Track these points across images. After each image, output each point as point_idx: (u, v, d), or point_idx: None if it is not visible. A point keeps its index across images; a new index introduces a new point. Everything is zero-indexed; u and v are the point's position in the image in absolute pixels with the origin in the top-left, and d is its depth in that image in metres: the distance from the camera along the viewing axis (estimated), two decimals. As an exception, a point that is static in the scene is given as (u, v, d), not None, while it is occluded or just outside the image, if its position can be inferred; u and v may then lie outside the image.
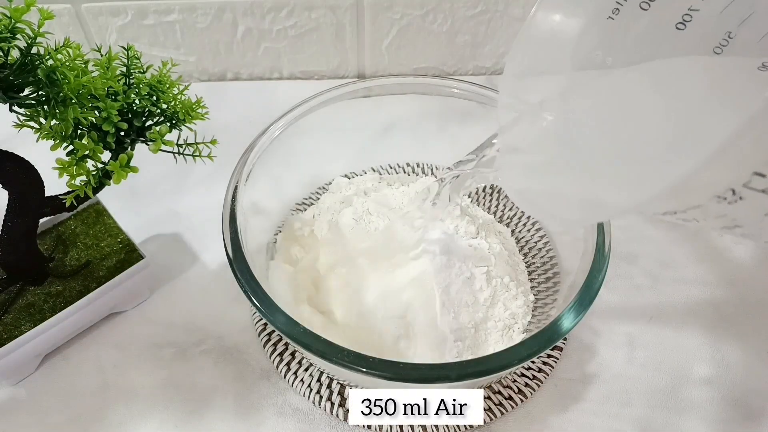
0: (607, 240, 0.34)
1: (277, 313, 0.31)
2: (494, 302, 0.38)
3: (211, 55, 0.63)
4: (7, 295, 0.40)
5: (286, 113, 0.42)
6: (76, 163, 0.31)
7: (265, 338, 0.42)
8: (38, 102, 0.29)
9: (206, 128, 0.36)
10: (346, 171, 0.49)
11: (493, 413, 0.38)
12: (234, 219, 0.36)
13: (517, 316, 0.38)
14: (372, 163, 0.49)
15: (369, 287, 0.38)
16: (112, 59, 0.32)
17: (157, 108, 0.34)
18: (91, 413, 0.39)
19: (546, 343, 0.31)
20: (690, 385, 0.40)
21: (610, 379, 0.40)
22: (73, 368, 0.41)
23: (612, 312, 0.43)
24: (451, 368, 0.30)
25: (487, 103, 0.43)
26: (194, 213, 0.51)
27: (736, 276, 0.46)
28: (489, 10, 0.59)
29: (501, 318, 0.38)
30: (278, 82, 0.65)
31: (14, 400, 0.40)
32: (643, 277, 0.46)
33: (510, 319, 0.38)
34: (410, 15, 0.60)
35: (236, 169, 0.38)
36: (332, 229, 0.41)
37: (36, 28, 0.27)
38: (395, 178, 0.48)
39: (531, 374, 0.40)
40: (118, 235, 0.44)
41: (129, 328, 0.43)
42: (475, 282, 0.38)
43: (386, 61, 0.64)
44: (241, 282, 0.33)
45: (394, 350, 0.36)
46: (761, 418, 0.39)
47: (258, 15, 0.59)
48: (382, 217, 0.41)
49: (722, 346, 0.42)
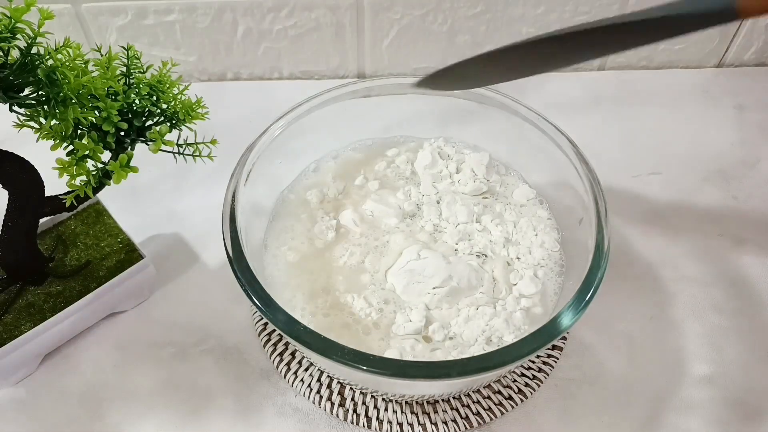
0: (606, 238, 0.34)
1: (277, 312, 0.31)
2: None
3: (211, 55, 0.63)
4: (7, 295, 0.40)
5: (286, 113, 0.42)
6: (76, 163, 0.31)
7: (265, 338, 0.42)
8: (38, 102, 0.29)
9: (206, 128, 0.36)
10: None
11: (493, 413, 0.38)
12: (234, 219, 0.36)
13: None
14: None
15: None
16: (112, 59, 0.32)
17: (157, 108, 0.34)
18: (90, 413, 0.39)
19: (545, 341, 0.31)
20: (690, 385, 0.40)
21: (610, 379, 0.40)
22: (73, 368, 0.41)
23: (612, 312, 0.43)
24: (452, 366, 0.30)
25: (487, 103, 0.43)
26: (194, 213, 0.51)
27: (736, 276, 0.46)
28: (489, 10, 0.59)
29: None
30: (278, 82, 0.65)
31: (14, 400, 0.40)
32: (643, 277, 0.46)
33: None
34: (410, 15, 0.60)
35: (236, 169, 0.39)
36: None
37: (36, 28, 0.27)
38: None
39: (531, 374, 0.40)
40: (118, 235, 0.44)
41: (129, 328, 0.43)
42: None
43: (386, 61, 0.64)
44: (241, 281, 0.33)
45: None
46: (761, 418, 0.39)
47: (258, 15, 0.59)
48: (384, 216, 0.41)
49: (722, 346, 0.42)
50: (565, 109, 0.60)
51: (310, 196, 0.43)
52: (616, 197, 0.51)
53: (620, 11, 0.60)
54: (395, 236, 0.40)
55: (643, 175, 0.53)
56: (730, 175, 0.53)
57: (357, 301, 0.37)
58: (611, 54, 0.32)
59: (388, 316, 0.37)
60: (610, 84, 0.63)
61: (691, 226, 0.49)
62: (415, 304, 0.37)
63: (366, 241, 0.40)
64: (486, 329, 0.36)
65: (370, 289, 0.38)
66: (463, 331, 0.36)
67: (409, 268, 0.38)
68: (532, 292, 0.37)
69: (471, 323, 0.36)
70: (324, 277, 0.39)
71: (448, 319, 0.37)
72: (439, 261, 0.38)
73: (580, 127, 0.42)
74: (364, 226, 0.41)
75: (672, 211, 0.50)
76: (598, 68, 0.66)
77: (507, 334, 0.35)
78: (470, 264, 0.38)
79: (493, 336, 0.36)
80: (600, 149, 0.41)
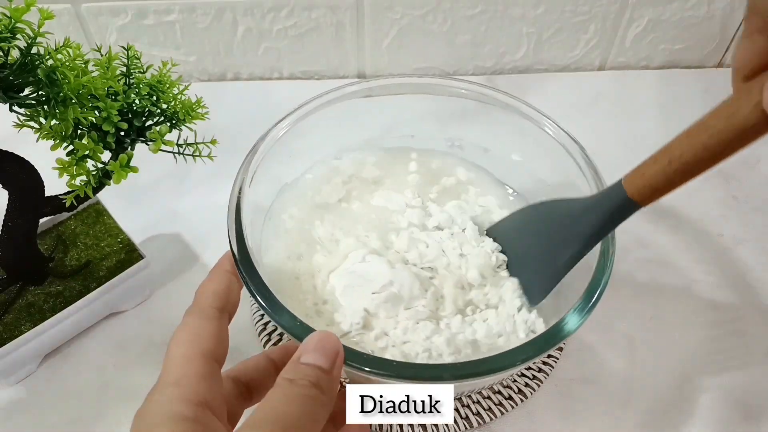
0: (612, 244, 0.34)
1: (282, 313, 0.31)
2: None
3: (211, 55, 0.63)
4: (7, 295, 0.40)
5: (291, 113, 0.41)
6: (76, 163, 0.31)
7: (266, 338, 0.42)
8: (38, 102, 0.29)
9: (206, 128, 0.36)
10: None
11: (493, 413, 0.38)
12: (239, 219, 0.35)
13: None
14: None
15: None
16: (112, 59, 0.32)
17: (157, 108, 0.34)
18: (91, 413, 0.39)
19: (548, 345, 0.30)
20: (690, 385, 0.40)
21: (610, 380, 0.40)
22: (73, 368, 0.41)
23: (612, 312, 0.43)
24: (451, 368, 0.30)
25: (487, 103, 0.43)
26: (194, 213, 0.51)
27: (736, 276, 0.46)
28: (489, 10, 0.59)
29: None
30: (278, 82, 0.65)
31: (14, 400, 0.40)
32: (644, 277, 0.46)
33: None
34: (410, 15, 0.60)
35: (241, 167, 0.38)
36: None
37: (36, 28, 0.27)
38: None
39: (531, 374, 0.40)
40: (118, 235, 0.44)
41: (129, 328, 0.43)
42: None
43: (386, 61, 0.64)
44: (245, 279, 0.33)
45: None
46: (761, 418, 0.39)
47: (258, 15, 0.59)
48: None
49: (722, 346, 0.42)
50: (565, 109, 0.60)
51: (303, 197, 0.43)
52: (616, 197, 0.51)
53: (620, 11, 0.60)
54: (348, 240, 0.39)
55: (643, 175, 0.53)
56: (730, 175, 0.53)
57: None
58: None
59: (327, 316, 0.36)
60: (610, 84, 0.63)
61: (691, 226, 0.49)
62: (354, 309, 0.35)
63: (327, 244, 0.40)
64: (426, 344, 0.34)
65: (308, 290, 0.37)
66: (403, 342, 0.34)
67: (351, 270, 0.37)
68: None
69: (410, 335, 0.34)
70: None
71: (387, 328, 0.35)
72: (382, 266, 0.36)
73: (580, 127, 0.42)
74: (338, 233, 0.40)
75: (672, 211, 0.50)
76: (598, 68, 0.66)
77: (447, 355, 0.33)
78: (417, 274, 0.37)
79: (433, 352, 0.34)
80: (600, 149, 0.41)
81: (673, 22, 0.61)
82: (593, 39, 0.63)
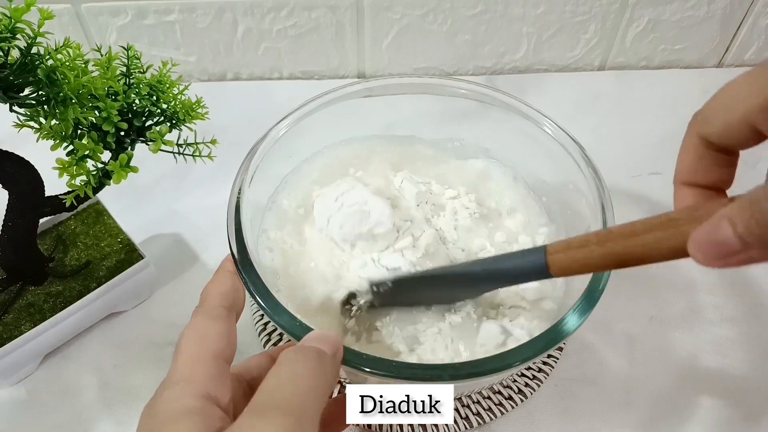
0: None
1: (282, 313, 0.31)
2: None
3: (211, 55, 0.63)
4: (7, 295, 0.40)
5: (291, 113, 0.41)
6: (76, 163, 0.31)
7: (266, 338, 0.42)
8: (38, 102, 0.29)
9: (206, 128, 0.36)
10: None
11: (493, 413, 0.38)
12: (239, 219, 0.35)
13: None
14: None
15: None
16: (112, 59, 0.32)
17: (157, 108, 0.34)
18: (91, 413, 0.39)
19: (548, 345, 0.30)
20: (690, 385, 0.40)
21: (610, 379, 0.40)
22: (73, 368, 0.41)
23: (612, 312, 0.43)
24: (452, 368, 0.30)
25: (487, 103, 0.43)
26: (194, 213, 0.51)
27: (737, 276, 0.46)
28: (489, 10, 0.59)
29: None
30: (278, 82, 0.65)
31: (14, 400, 0.40)
32: (643, 277, 0.46)
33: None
34: (410, 15, 0.60)
35: (241, 168, 0.38)
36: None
37: (36, 28, 0.27)
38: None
39: (531, 374, 0.40)
40: (118, 235, 0.44)
41: (129, 328, 0.43)
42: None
43: (386, 61, 0.64)
44: (244, 279, 0.33)
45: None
46: (761, 418, 0.39)
47: (258, 15, 0.59)
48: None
49: (722, 346, 0.42)
50: (565, 109, 0.60)
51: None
52: (616, 197, 0.50)
53: (620, 11, 0.60)
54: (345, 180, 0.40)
55: (643, 175, 0.53)
56: (730, 175, 0.53)
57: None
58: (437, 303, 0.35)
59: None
60: (610, 84, 0.63)
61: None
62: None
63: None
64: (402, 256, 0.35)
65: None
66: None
67: (335, 195, 0.38)
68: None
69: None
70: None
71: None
72: (364, 191, 0.37)
73: (580, 127, 0.42)
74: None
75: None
76: (598, 68, 0.66)
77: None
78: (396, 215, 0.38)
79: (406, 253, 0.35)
80: (600, 149, 0.41)
81: (673, 22, 0.61)
82: (593, 39, 0.63)
